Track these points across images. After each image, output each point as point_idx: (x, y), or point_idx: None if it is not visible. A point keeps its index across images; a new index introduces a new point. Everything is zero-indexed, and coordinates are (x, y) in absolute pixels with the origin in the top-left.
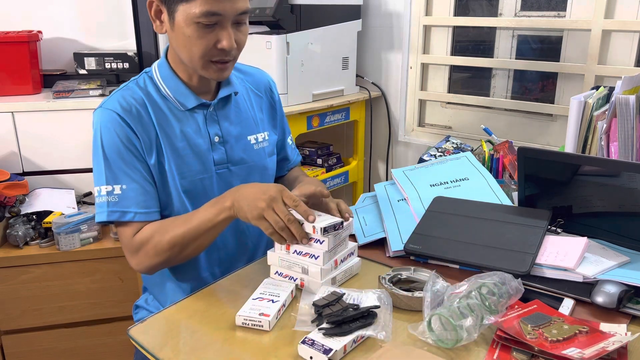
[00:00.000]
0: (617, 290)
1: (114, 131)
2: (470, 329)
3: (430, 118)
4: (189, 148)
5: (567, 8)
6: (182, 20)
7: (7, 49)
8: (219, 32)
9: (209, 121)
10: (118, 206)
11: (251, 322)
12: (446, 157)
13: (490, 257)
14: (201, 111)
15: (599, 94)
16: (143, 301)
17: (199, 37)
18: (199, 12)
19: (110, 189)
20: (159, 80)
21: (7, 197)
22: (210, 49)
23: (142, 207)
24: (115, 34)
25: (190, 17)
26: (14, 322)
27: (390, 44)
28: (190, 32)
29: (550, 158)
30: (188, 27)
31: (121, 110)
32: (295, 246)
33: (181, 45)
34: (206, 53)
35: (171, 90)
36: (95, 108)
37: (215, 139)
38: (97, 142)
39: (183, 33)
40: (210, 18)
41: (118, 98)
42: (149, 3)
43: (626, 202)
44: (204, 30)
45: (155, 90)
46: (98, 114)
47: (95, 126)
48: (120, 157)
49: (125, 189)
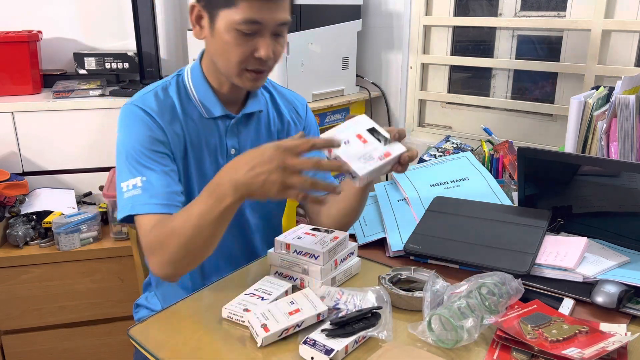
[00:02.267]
0: (617, 290)
1: (143, 127)
2: (471, 330)
3: (430, 118)
4: (208, 155)
5: (567, 8)
6: (223, 26)
7: (7, 49)
8: (258, 41)
9: (229, 133)
10: (140, 198)
11: (234, 316)
12: (446, 157)
13: (490, 257)
14: (223, 122)
15: (599, 94)
16: (144, 299)
17: (237, 44)
18: (240, 19)
19: (135, 182)
20: (190, 84)
21: (7, 197)
22: (248, 57)
23: (165, 199)
24: (115, 34)
25: (230, 24)
26: (14, 322)
27: (390, 44)
28: (230, 39)
29: (550, 158)
30: (228, 34)
31: (152, 108)
32: (296, 246)
33: (219, 51)
34: (243, 60)
35: (200, 96)
36: (124, 104)
37: (231, 151)
38: (123, 136)
39: (222, 39)
40: (251, 26)
41: (150, 96)
42: (190, 7)
43: (626, 202)
44: (244, 38)
45: (184, 93)
46: (128, 109)
47: (123, 121)
48: (148, 153)
49: (145, 180)
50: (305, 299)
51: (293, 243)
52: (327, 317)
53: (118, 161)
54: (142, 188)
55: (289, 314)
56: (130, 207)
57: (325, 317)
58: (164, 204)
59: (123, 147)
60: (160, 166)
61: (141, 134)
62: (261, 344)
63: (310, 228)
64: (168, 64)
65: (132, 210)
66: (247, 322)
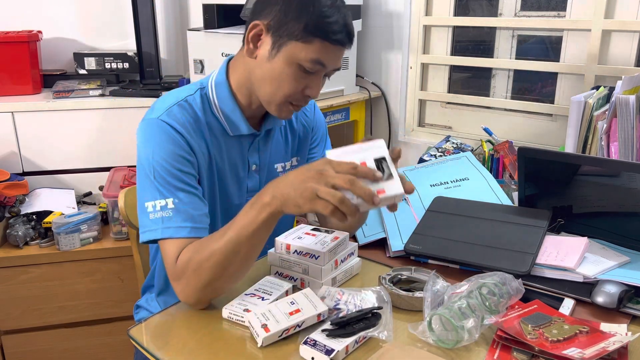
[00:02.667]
0: (618, 290)
1: (172, 145)
2: (472, 330)
3: (430, 118)
4: (231, 172)
5: (567, 8)
6: (287, 57)
7: (7, 49)
8: (312, 80)
9: (252, 150)
10: (172, 222)
11: (235, 316)
12: (446, 157)
13: (491, 257)
14: (247, 139)
15: (599, 94)
16: (144, 301)
17: (295, 78)
18: (309, 58)
19: (164, 203)
20: (214, 100)
21: (7, 197)
22: (297, 93)
23: (197, 222)
24: (115, 34)
25: (297, 58)
26: (14, 322)
27: (390, 44)
28: (290, 72)
29: (551, 158)
30: (289, 66)
31: (180, 125)
32: (296, 246)
33: (269, 78)
34: (291, 95)
35: (226, 113)
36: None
37: (252, 167)
38: (147, 153)
39: (280, 68)
40: (316, 66)
41: (173, 111)
42: (252, 25)
43: (626, 202)
44: (302, 74)
45: (208, 108)
46: (154, 124)
47: (145, 136)
48: (177, 173)
49: (178, 202)
50: (306, 299)
51: (293, 243)
52: (327, 317)
53: (141, 178)
54: (173, 210)
55: (289, 314)
56: (160, 230)
57: (325, 317)
58: (194, 227)
59: (150, 164)
60: (190, 187)
61: (170, 151)
62: (261, 344)
63: (310, 228)
64: (168, 64)
65: (163, 234)
66: (247, 322)
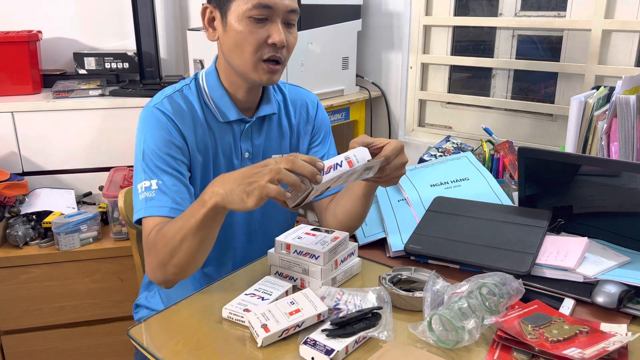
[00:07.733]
0: (618, 290)
1: (162, 131)
2: (473, 331)
3: (430, 118)
4: (224, 159)
5: (567, 8)
6: (235, 18)
7: (7, 49)
8: (270, 27)
9: (244, 137)
10: (154, 201)
11: (235, 316)
12: (446, 157)
13: (491, 257)
14: (238, 126)
15: (599, 94)
16: (144, 299)
17: (250, 31)
18: (250, 5)
19: (148, 184)
20: (205, 88)
21: (7, 197)
22: (262, 44)
23: (177, 204)
24: (115, 34)
25: (242, 13)
26: (14, 322)
27: (390, 43)
28: (242, 28)
29: (551, 158)
30: (240, 23)
31: (173, 112)
32: (296, 246)
33: (232, 45)
34: (257, 49)
35: (215, 100)
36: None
37: (245, 155)
38: (140, 138)
39: (235, 31)
40: (262, 11)
41: (169, 99)
42: (202, 10)
43: (626, 202)
44: (256, 25)
45: (201, 96)
46: (148, 112)
47: (143, 123)
48: (165, 156)
49: (161, 184)
50: (306, 299)
51: (293, 243)
52: (327, 317)
53: (135, 162)
54: (156, 191)
55: (289, 314)
56: (143, 209)
57: (325, 317)
58: (171, 207)
59: (141, 149)
60: (176, 172)
61: (160, 137)
62: (261, 344)
63: (310, 228)
64: (168, 64)
65: (145, 213)
66: (247, 322)
